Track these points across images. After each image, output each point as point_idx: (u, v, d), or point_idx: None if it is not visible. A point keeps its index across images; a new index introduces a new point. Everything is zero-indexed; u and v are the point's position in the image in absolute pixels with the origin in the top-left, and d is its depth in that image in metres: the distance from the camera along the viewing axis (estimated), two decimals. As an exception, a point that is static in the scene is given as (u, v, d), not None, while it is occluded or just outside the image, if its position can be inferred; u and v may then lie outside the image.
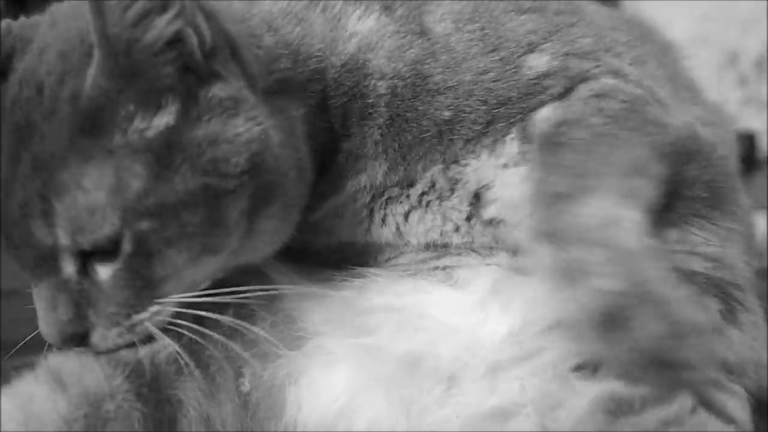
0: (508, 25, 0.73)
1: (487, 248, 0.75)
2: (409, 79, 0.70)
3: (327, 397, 0.69)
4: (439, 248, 0.76)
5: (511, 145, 0.70)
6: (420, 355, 0.69)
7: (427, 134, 0.71)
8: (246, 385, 0.71)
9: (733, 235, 0.73)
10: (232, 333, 0.73)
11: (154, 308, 0.64)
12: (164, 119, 0.64)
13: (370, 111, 0.71)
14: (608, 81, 0.71)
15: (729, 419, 0.64)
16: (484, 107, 0.70)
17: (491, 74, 0.70)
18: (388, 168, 0.72)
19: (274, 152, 0.67)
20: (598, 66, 0.72)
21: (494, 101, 0.70)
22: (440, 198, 0.74)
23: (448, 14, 0.73)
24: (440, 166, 0.72)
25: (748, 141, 1.40)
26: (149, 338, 0.66)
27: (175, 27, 0.63)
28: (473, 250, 0.75)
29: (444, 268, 0.74)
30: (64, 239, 0.61)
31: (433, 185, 0.73)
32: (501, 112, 0.71)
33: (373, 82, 0.71)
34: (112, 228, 0.62)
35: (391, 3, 0.74)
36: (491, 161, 0.72)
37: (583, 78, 0.71)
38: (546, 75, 0.70)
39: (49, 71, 0.64)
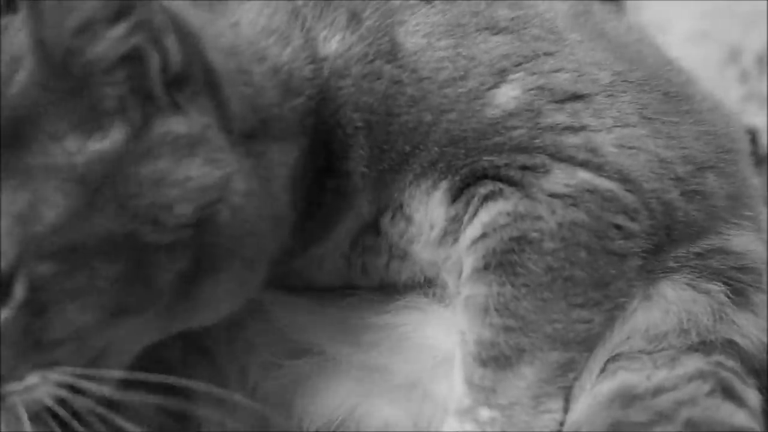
0: (482, 46, 0.68)
1: None
2: (381, 115, 0.67)
3: (332, 401, 0.72)
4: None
5: (439, 193, 0.70)
6: (419, 379, 0.74)
7: (396, 164, 0.69)
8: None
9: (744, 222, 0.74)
10: (231, 339, 0.73)
11: (32, 379, 0.55)
12: (100, 145, 0.56)
13: (351, 143, 0.67)
14: (584, 176, 0.66)
15: (742, 403, 0.66)
16: (434, 148, 0.68)
17: (452, 114, 0.67)
18: (372, 198, 0.70)
19: (233, 204, 0.59)
20: (573, 132, 0.67)
21: (445, 141, 0.67)
22: (408, 241, 0.73)
23: (421, 25, 0.69)
24: (400, 201, 0.71)
25: (749, 138, 1.40)
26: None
27: (131, 42, 0.55)
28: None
29: (435, 288, 0.75)
30: None
31: (394, 221, 0.72)
32: (448, 152, 0.68)
33: (348, 113, 0.67)
34: (5, 264, 0.52)
35: (360, 11, 0.69)
36: (424, 201, 0.71)
37: (557, 147, 0.67)
38: (512, 114, 0.66)
39: None
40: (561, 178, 0.66)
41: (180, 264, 0.57)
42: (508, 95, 0.68)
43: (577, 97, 0.69)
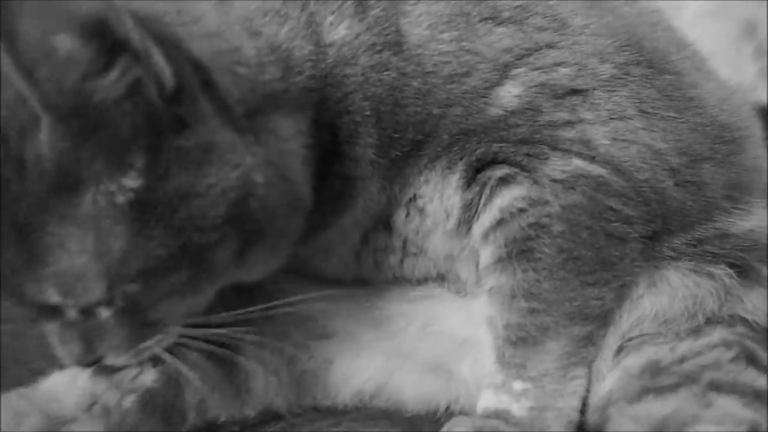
0: (486, 38, 0.69)
1: None
2: (389, 105, 0.69)
3: (362, 376, 0.79)
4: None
5: (456, 177, 0.72)
6: (442, 362, 0.79)
7: (408, 150, 0.71)
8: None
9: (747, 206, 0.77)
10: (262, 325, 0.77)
11: (157, 337, 0.67)
12: (133, 179, 0.59)
13: (360, 130, 0.69)
14: (578, 163, 0.69)
15: (766, 370, 0.70)
16: (446, 136, 0.70)
17: (458, 109, 0.69)
18: (381, 186, 0.73)
19: (257, 194, 0.62)
20: (570, 126, 0.70)
21: (455, 131, 0.70)
22: (424, 236, 0.77)
23: (425, 15, 0.70)
24: (413, 193, 0.74)
25: (764, 114, 1.40)
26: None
27: (129, 78, 0.57)
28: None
29: (449, 282, 0.80)
30: (54, 299, 0.61)
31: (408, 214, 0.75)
32: (461, 138, 0.71)
33: (357, 100, 0.68)
34: (99, 293, 0.60)
35: None
36: (438, 190, 0.73)
37: (555, 140, 0.70)
38: (514, 113, 0.69)
39: (8, 120, 0.58)
40: (558, 165, 0.70)
41: (230, 248, 0.63)
42: (510, 94, 0.70)
43: (576, 92, 0.71)
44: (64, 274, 0.59)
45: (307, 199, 0.68)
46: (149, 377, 0.72)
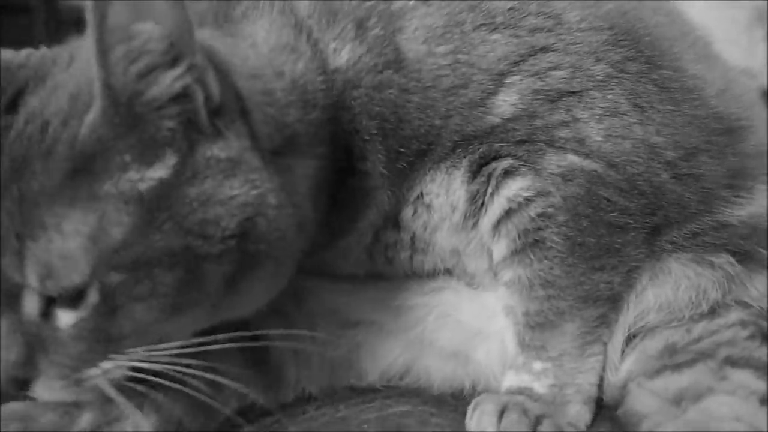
0: (480, 48, 0.71)
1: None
2: (393, 123, 0.72)
3: (388, 358, 0.84)
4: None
5: (461, 172, 0.75)
6: (461, 348, 0.83)
7: (413, 160, 0.75)
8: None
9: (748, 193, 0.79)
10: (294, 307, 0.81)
11: (107, 365, 0.62)
12: (159, 173, 0.61)
13: (369, 147, 0.72)
14: (573, 159, 0.72)
15: None
16: (448, 143, 0.74)
17: (458, 119, 0.72)
18: (391, 192, 0.76)
19: (269, 216, 0.64)
20: (565, 125, 0.72)
21: (457, 137, 0.73)
22: (432, 231, 0.80)
23: (420, 29, 0.72)
24: (419, 191, 0.77)
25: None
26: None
27: (182, 83, 0.61)
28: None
29: (456, 273, 0.83)
30: (32, 281, 0.60)
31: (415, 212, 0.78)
32: (462, 143, 0.74)
33: (364, 121, 0.72)
34: (81, 277, 0.60)
35: (366, 19, 0.72)
36: (444, 186, 0.76)
37: (551, 140, 0.72)
38: (511, 120, 0.72)
39: (56, 111, 0.61)
40: (555, 160, 0.73)
41: (226, 268, 0.63)
42: (506, 103, 0.73)
43: (571, 93, 0.73)
44: (51, 254, 0.59)
45: (310, 223, 0.71)
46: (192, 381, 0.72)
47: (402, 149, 0.74)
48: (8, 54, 0.68)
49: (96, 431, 0.69)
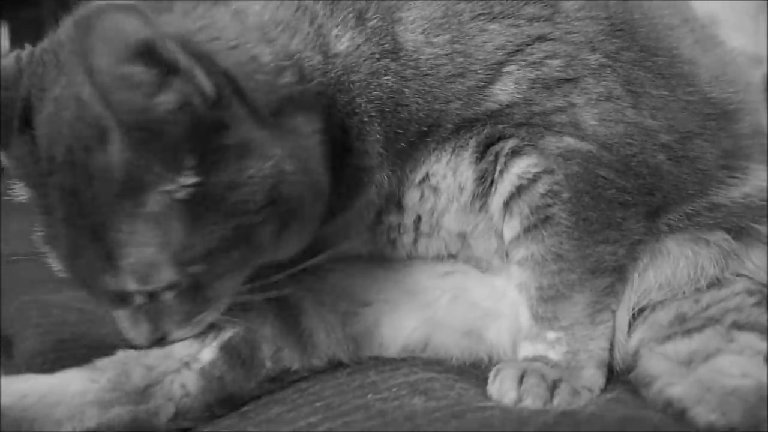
0: (478, 38, 0.75)
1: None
2: (391, 106, 0.76)
3: (405, 331, 0.89)
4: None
5: (468, 152, 0.79)
6: (473, 328, 0.88)
7: (414, 141, 0.78)
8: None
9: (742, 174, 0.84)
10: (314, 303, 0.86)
11: (212, 308, 0.75)
12: (187, 177, 0.66)
13: (367, 128, 0.76)
14: (569, 141, 0.76)
15: None
16: (450, 125, 0.77)
17: (458, 104, 0.76)
18: (391, 172, 0.80)
19: (289, 181, 0.70)
20: (562, 111, 0.76)
21: (458, 120, 0.77)
22: (440, 214, 0.84)
23: (418, 20, 0.75)
24: (425, 172, 0.81)
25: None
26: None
27: (178, 95, 0.64)
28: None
29: (460, 257, 0.88)
30: (132, 287, 0.70)
31: (422, 195, 0.82)
32: (464, 126, 0.78)
33: (363, 103, 0.75)
34: (169, 276, 0.69)
35: (365, 10, 0.75)
36: (451, 167, 0.80)
37: (548, 124, 0.76)
38: (509, 106, 0.76)
39: (73, 136, 0.66)
40: (552, 142, 0.77)
41: (272, 227, 0.71)
42: (504, 91, 0.76)
43: (567, 80, 0.76)
44: (138, 265, 0.67)
45: (325, 187, 0.75)
46: (228, 335, 0.80)
47: (400, 130, 0.77)
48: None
49: (150, 385, 0.75)
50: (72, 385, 0.73)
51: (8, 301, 1.02)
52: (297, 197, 0.71)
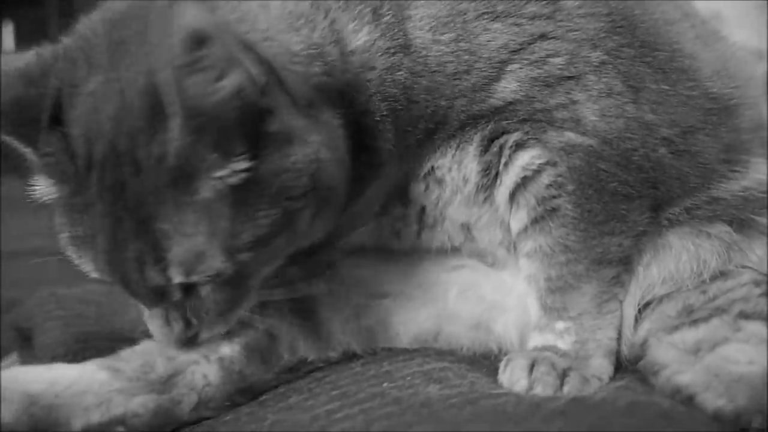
0: (482, 37, 0.76)
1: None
2: (403, 103, 0.78)
3: (417, 323, 0.91)
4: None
5: (473, 146, 0.80)
6: (481, 321, 0.90)
7: (422, 138, 0.80)
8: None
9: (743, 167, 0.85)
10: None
11: (245, 303, 0.76)
12: (239, 164, 0.67)
13: (380, 127, 0.78)
14: (570, 136, 0.78)
15: None
16: (456, 122, 0.79)
17: (463, 100, 0.78)
18: (399, 167, 0.82)
19: (326, 168, 0.72)
20: (563, 107, 0.77)
21: (464, 117, 0.79)
22: (444, 205, 0.85)
23: (425, 18, 0.77)
24: (430, 166, 0.82)
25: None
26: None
27: (237, 81, 0.65)
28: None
29: (464, 250, 0.90)
30: (178, 279, 0.69)
31: (427, 186, 0.84)
32: (469, 123, 0.79)
33: (377, 102, 0.77)
34: (219, 264, 0.69)
35: (379, 6, 0.77)
36: (456, 160, 0.81)
37: (550, 120, 0.78)
38: (512, 102, 0.78)
39: (116, 130, 0.67)
40: (554, 136, 0.78)
41: (310, 212, 0.72)
42: (507, 89, 0.78)
43: (569, 78, 0.78)
44: (187, 255, 0.68)
45: (348, 174, 0.77)
46: (248, 331, 0.82)
47: (410, 128, 0.79)
48: (22, 63, 0.71)
49: (172, 375, 0.78)
50: (98, 374, 0.75)
51: (26, 294, 1.04)
52: (331, 184, 0.73)
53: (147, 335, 0.78)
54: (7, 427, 0.70)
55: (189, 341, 0.75)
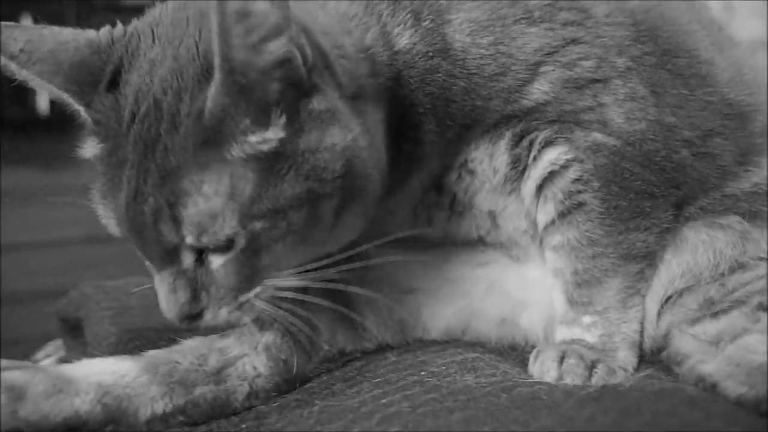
0: (519, 40, 0.81)
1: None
2: (442, 101, 0.82)
3: (446, 317, 0.94)
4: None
5: (504, 141, 0.85)
6: (507, 316, 0.94)
7: (460, 132, 0.84)
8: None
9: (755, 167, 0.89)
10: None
11: (257, 289, 0.74)
12: (274, 132, 0.69)
13: (423, 120, 0.82)
14: (597, 136, 0.82)
15: None
16: (490, 120, 0.83)
17: (498, 101, 0.82)
18: (439, 158, 0.86)
19: (362, 156, 0.74)
20: (591, 110, 0.81)
21: (498, 116, 0.83)
22: (472, 194, 0.89)
23: (465, 23, 0.81)
24: (464, 158, 0.86)
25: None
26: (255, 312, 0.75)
27: (285, 49, 0.68)
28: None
29: (489, 239, 0.93)
30: (190, 239, 0.69)
31: (460, 176, 0.87)
32: (502, 121, 0.84)
33: (420, 96, 0.81)
34: (231, 229, 0.69)
35: (419, 12, 0.81)
36: (488, 153, 0.85)
37: (577, 121, 0.82)
38: (544, 104, 0.82)
39: (164, 89, 0.69)
40: (580, 136, 0.83)
41: (336, 202, 0.73)
42: (539, 90, 0.82)
43: (597, 81, 0.82)
44: (202, 214, 0.68)
45: (386, 168, 0.80)
46: (290, 320, 0.84)
47: (450, 122, 0.83)
48: (92, 34, 0.75)
49: (224, 367, 0.82)
50: (160, 367, 0.79)
51: (71, 285, 1.07)
52: (365, 175, 0.74)
53: (189, 333, 0.82)
54: (85, 415, 0.74)
55: (193, 318, 0.74)
